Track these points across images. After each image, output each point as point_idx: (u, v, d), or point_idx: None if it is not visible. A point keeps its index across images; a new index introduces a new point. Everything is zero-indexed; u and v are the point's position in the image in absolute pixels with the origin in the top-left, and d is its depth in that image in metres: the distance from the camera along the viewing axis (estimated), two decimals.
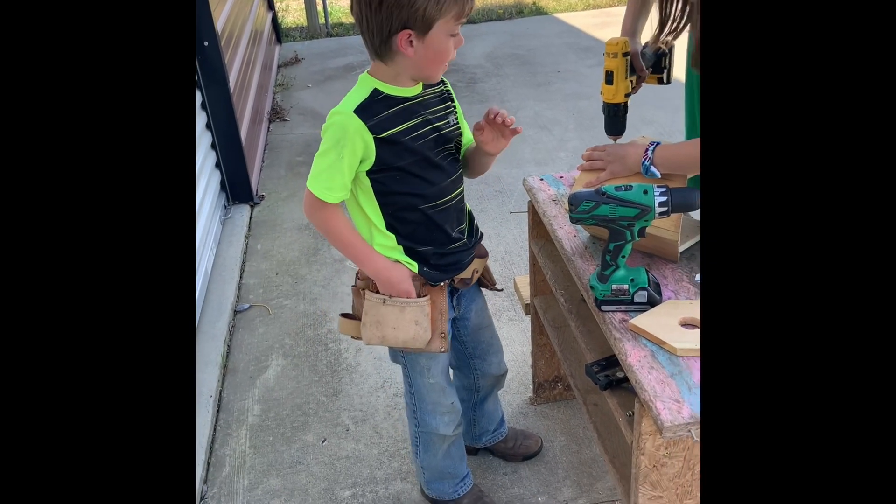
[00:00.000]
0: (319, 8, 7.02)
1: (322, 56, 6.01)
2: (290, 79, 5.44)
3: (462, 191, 1.49)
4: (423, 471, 1.77)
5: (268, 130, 4.44)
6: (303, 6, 7.25)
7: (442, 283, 1.48)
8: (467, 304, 1.64)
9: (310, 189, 1.35)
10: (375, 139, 1.31)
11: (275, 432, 2.13)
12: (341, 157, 1.31)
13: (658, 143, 1.41)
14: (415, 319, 1.45)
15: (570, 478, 1.90)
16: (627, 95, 1.54)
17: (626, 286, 1.27)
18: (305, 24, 7.12)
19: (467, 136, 1.51)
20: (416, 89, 1.37)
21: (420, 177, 1.37)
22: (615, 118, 1.55)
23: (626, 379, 1.31)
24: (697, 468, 1.21)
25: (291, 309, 2.70)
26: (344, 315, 1.56)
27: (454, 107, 1.46)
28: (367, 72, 1.36)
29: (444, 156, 1.41)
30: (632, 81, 1.54)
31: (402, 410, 2.16)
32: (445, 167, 1.41)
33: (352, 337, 1.56)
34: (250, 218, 3.40)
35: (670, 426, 1.07)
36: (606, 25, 6.25)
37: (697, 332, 1.22)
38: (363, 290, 1.49)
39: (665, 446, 1.18)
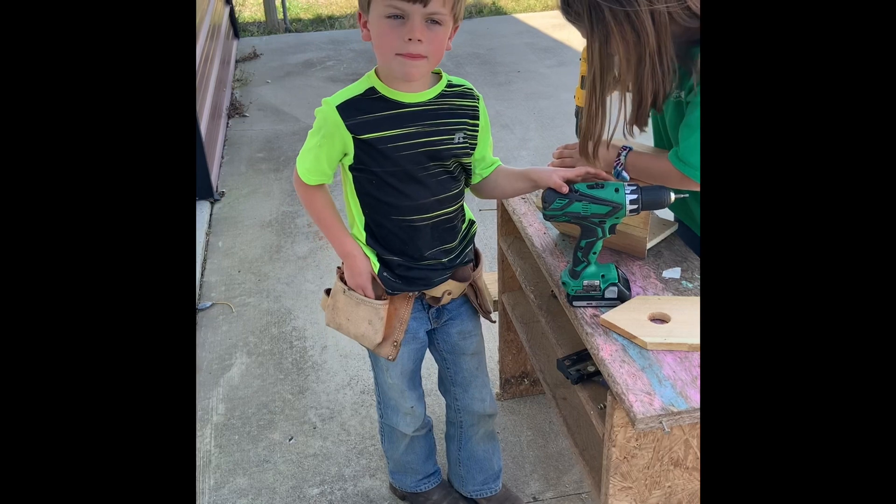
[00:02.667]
0: (278, 3, 6.94)
1: (281, 52, 5.95)
2: (249, 74, 5.37)
3: (452, 212, 1.39)
4: (387, 460, 1.78)
5: (227, 126, 4.38)
6: (260, 1, 7.16)
7: (411, 294, 1.45)
8: (449, 318, 1.56)
9: (296, 164, 1.36)
10: (354, 139, 1.27)
11: (240, 431, 2.10)
12: (320, 146, 1.30)
13: (630, 149, 1.44)
14: (367, 319, 1.43)
15: (537, 472, 1.93)
16: None
17: (597, 282, 1.30)
18: (263, 19, 7.03)
19: (490, 159, 1.44)
20: (420, 96, 1.29)
21: (396, 189, 1.32)
22: None
23: (597, 373, 1.34)
24: (666, 459, 1.25)
25: (255, 307, 2.67)
26: (327, 291, 1.55)
27: (469, 125, 1.36)
28: (375, 67, 1.32)
29: (433, 172, 1.33)
30: None
31: (368, 408, 2.17)
32: (430, 184, 1.33)
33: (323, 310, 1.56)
34: (210, 215, 3.35)
35: (643, 418, 1.10)
36: (565, 27, 6.30)
37: (667, 326, 1.25)
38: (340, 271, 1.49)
39: (636, 438, 1.21)
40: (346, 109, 1.27)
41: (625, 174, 1.44)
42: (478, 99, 1.38)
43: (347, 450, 2.02)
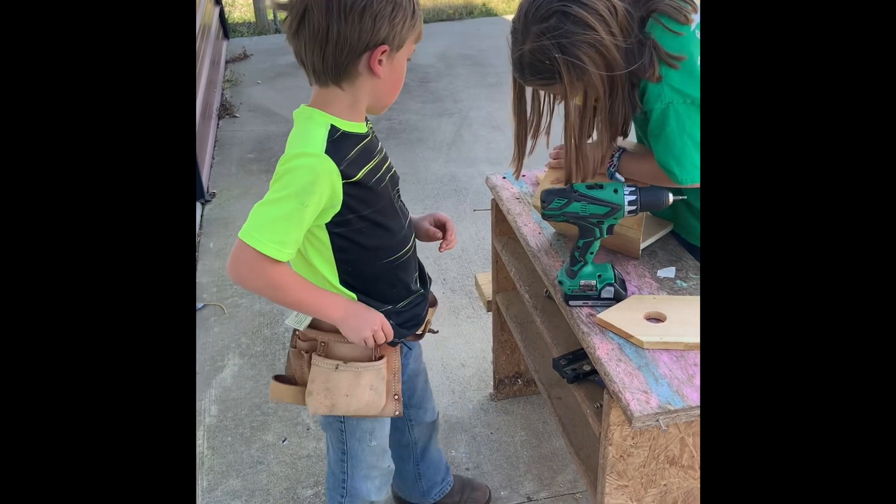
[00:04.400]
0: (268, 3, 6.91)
1: (271, 52, 5.93)
2: (239, 75, 5.34)
3: (413, 234, 1.36)
4: None
5: (217, 127, 4.36)
6: (250, 1, 7.14)
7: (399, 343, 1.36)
8: (406, 352, 1.49)
9: (251, 245, 1.11)
10: (345, 185, 1.15)
11: (233, 433, 2.09)
12: (304, 206, 1.11)
13: (623, 150, 1.46)
14: (370, 385, 1.31)
15: (531, 472, 1.93)
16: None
17: (593, 282, 1.31)
18: (253, 19, 7.01)
19: None
20: (365, 125, 1.22)
21: (384, 226, 1.23)
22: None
23: (592, 372, 1.35)
24: (662, 457, 1.25)
25: (247, 308, 2.66)
26: (277, 378, 1.38)
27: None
28: (312, 105, 1.17)
29: (397, 197, 1.29)
30: None
31: None
32: (401, 210, 1.30)
33: (283, 402, 1.37)
34: (201, 216, 3.34)
35: (639, 416, 1.11)
36: None
37: (662, 325, 1.26)
38: (307, 352, 1.32)
39: (632, 436, 1.22)
40: (334, 154, 1.13)
41: (618, 175, 1.45)
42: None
43: None
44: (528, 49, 1.29)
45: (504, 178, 1.84)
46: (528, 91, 1.42)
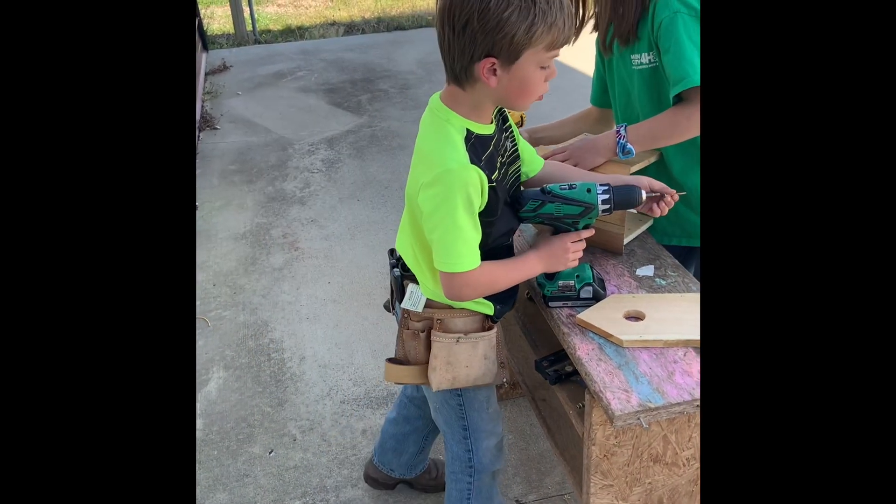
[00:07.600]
0: (246, 14, 6.91)
1: (251, 63, 5.92)
2: (219, 86, 5.33)
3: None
4: None
5: (198, 139, 4.35)
6: (229, 13, 7.12)
7: None
8: None
9: (455, 271, 1.20)
10: (490, 186, 1.20)
11: (219, 446, 2.08)
12: (472, 214, 1.18)
13: (626, 125, 1.48)
14: (485, 354, 1.37)
15: (519, 475, 1.93)
16: None
17: (572, 282, 1.31)
18: (232, 31, 6.99)
19: (535, 156, 1.43)
20: (493, 126, 1.26)
21: (505, 218, 1.29)
22: None
23: (574, 372, 1.35)
24: (645, 455, 1.26)
25: (231, 320, 2.65)
26: (391, 360, 1.43)
27: (513, 130, 1.35)
28: (445, 103, 1.22)
29: (515, 190, 1.34)
30: None
31: (349, 417, 2.15)
32: (511, 200, 1.33)
33: (397, 384, 1.43)
34: None
35: (620, 415, 1.11)
36: None
37: (642, 324, 1.26)
38: (421, 332, 1.37)
39: (615, 435, 1.22)
40: (476, 160, 1.19)
41: (630, 146, 1.45)
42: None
43: (329, 461, 2.00)
44: None
45: None
46: None
